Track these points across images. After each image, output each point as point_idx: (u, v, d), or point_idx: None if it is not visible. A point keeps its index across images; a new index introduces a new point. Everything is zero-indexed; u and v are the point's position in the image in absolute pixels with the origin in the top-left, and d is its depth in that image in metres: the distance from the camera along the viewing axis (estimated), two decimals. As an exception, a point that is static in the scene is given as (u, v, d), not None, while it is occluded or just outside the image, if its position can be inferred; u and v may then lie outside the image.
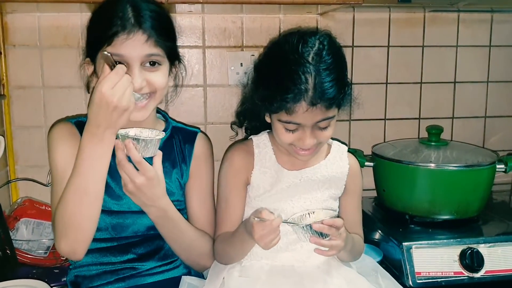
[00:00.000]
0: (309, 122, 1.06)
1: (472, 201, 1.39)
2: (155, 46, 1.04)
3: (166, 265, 1.16)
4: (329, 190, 1.21)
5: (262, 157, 1.19)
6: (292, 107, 1.03)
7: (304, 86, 1.02)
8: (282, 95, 1.03)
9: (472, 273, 1.23)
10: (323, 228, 1.02)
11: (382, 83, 1.69)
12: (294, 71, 1.03)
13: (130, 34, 1.01)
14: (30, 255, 1.34)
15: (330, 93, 1.04)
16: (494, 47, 1.73)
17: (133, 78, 1.01)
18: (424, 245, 1.27)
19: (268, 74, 1.10)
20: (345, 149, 1.26)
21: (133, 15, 1.02)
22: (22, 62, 1.48)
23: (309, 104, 1.02)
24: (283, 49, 1.08)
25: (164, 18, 1.09)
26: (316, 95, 1.02)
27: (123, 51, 1.01)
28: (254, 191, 1.19)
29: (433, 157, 1.39)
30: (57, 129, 1.15)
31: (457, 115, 1.75)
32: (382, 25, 1.65)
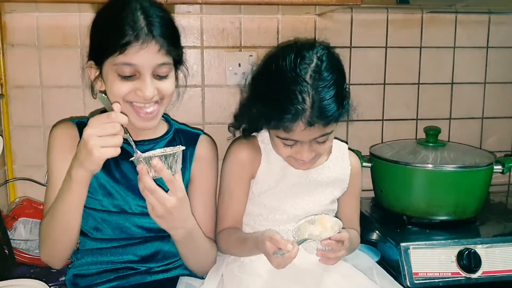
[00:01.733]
0: (307, 138, 1.07)
1: (469, 202, 1.40)
2: (166, 54, 1.04)
3: (166, 265, 1.16)
4: (333, 192, 1.22)
5: (268, 152, 1.19)
6: (289, 126, 1.03)
7: (302, 106, 1.01)
8: (280, 115, 1.03)
9: (470, 273, 1.24)
10: (331, 244, 1.07)
11: (380, 84, 1.69)
12: (292, 90, 1.02)
13: (144, 44, 1.00)
14: (28, 255, 1.34)
15: (329, 111, 1.03)
16: (491, 48, 1.73)
17: (145, 87, 1.02)
18: (421, 245, 1.27)
19: (265, 90, 1.10)
20: (346, 148, 1.27)
21: (146, 24, 1.01)
22: (21, 61, 1.48)
23: (306, 124, 1.03)
24: (280, 66, 1.06)
25: (172, 24, 1.08)
26: (313, 114, 1.02)
27: (136, 61, 1.01)
28: (258, 186, 1.19)
29: (430, 158, 1.39)
30: (58, 130, 1.15)
31: (454, 116, 1.75)
32: (380, 26, 1.66)
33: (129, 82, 1.03)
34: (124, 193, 1.12)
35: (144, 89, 1.02)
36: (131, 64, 1.01)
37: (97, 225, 1.12)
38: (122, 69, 1.01)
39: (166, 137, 1.19)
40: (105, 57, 1.03)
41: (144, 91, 1.02)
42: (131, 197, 1.12)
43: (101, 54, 1.04)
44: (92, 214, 1.12)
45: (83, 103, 1.52)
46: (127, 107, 1.05)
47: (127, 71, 1.02)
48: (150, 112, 1.06)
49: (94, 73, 1.09)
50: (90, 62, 1.10)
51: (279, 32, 1.60)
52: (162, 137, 1.18)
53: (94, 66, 1.08)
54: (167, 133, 1.20)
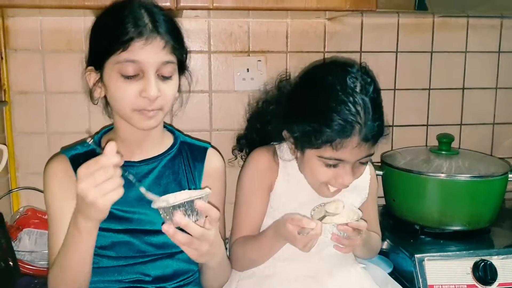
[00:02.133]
0: (354, 158, 1.02)
1: (484, 212, 1.37)
2: (171, 52, 1.01)
3: (177, 282, 1.12)
4: (352, 200, 1.19)
5: (286, 164, 1.16)
6: (342, 143, 0.99)
7: (357, 119, 0.98)
8: (332, 130, 0.99)
9: (486, 286, 1.22)
10: (348, 230, 1.02)
11: (390, 89, 1.66)
12: (345, 102, 0.98)
13: (149, 40, 0.97)
14: (32, 266, 1.30)
15: (380, 126, 1.02)
16: (503, 53, 1.71)
17: (149, 85, 0.98)
18: (436, 257, 1.25)
19: (310, 106, 1.04)
20: None
21: (150, 20, 0.98)
22: (24, 67, 1.45)
23: (362, 139, 0.99)
24: (327, 80, 1.03)
25: (175, 23, 1.06)
26: (368, 129, 0.99)
27: (140, 57, 0.97)
28: (276, 200, 1.16)
29: (444, 167, 1.36)
30: (50, 168, 1.10)
31: (465, 121, 1.73)
32: (391, 31, 1.63)
33: (133, 83, 0.99)
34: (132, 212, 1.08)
35: (149, 88, 0.97)
36: (135, 61, 0.97)
37: (103, 243, 1.08)
38: (125, 67, 0.97)
39: (170, 152, 1.14)
40: (107, 57, 0.99)
41: (149, 91, 0.97)
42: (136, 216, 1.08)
43: (102, 55, 1.00)
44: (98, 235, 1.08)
45: (87, 109, 1.49)
46: (133, 115, 1.01)
47: (130, 70, 0.97)
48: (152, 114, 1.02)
49: (94, 78, 1.04)
50: (89, 67, 1.05)
51: (288, 37, 1.56)
52: (166, 152, 1.14)
53: (94, 70, 1.04)
54: (172, 147, 1.15)
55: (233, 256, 1.17)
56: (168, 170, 1.12)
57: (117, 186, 0.86)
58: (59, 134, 1.48)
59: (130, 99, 0.99)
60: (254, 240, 1.14)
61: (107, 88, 1.02)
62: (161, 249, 1.09)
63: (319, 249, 1.11)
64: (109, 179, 0.84)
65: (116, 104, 1.02)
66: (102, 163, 0.84)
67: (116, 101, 1.02)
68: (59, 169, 1.09)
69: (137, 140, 1.10)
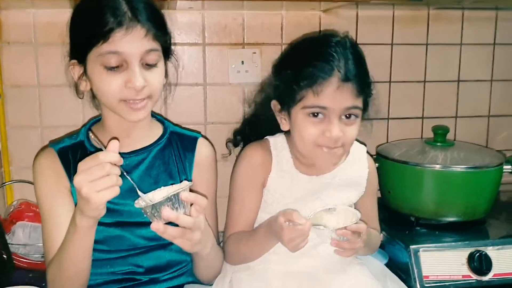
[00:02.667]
0: (338, 106, 1.01)
1: (479, 203, 1.37)
2: (153, 40, 0.99)
3: (170, 273, 1.12)
4: (350, 197, 1.18)
5: (280, 159, 1.15)
6: (321, 84, 0.99)
7: (334, 59, 1.00)
8: (310, 70, 1.00)
9: (481, 276, 1.22)
10: (347, 233, 1.00)
11: (385, 82, 1.66)
12: (323, 48, 1.02)
13: (129, 29, 0.95)
14: (27, 260, 1.30)
15: (360, 72, 1.02)
16: (499, 45, 1.70)
17: (134, 76, 0.96)
18: (431, 248, 1.24)
19: (294, 59, 1.08)
20: (365, 150, 1.23)
21: (129, 8, 0.96)
22: (17, 60, 1.43)
23: (341, 79, 0.99)
24: (307, 40, 1.11)
25: (156, 9, 1.03)
26: (347, 69, 1.00)
27: (122, 48, 0.96)
28: (270, 195, 1.15)
29: (440, 158, 1.36)
30: (38, 163, 1.10)
31: (460, 114, 1.73)
32: (386, 23, 1.62)
33: (117, 74, 0.97)
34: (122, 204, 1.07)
35: (134, 78, 0.96)
36: (117, 52, 0.95)
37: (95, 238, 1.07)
38: (107, 59, 0.96)
39: (160, 142, 1.14)
40: (88, 50, 0.97)
41: (134, 81, 0.96)
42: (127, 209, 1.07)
43: (84, 48, 0.98)
44: None
45: (81, 102, 1.46)
46: (121, 106, 1.00)
47: (113, 61, 0.96)
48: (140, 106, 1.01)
49: (78, 72, 1.03)
50: (72, 61, 1.04)
51: (283, 29, 1.56)
52: (155, 142, 1.14)
53: (77, 64, 1.03)
54: (161, 138, 1.15)
55: (226, 252, 1.17)
56: (159, 161, 1.12)
57: (113, 184, 0.85)
58: (53, 127, 1.47)
59: (116, 90, 0.98)
60: (248, 236, 1.13)
61: (92, 81, 1.01)
62: (153, 241, 1.09)
63: (314, 245, 1.10)
64: (105, 177, 0.84)
65: (103, 97, 1.01)
66: (100, 159, 0.84)
67: (102, 94, 1.01)
68: (47, 163, 1.09)
69: (125, 131, 1.09)
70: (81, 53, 1.00)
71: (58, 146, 1.10)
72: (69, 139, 1.12)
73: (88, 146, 1.10)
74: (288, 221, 0.99)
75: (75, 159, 1.08)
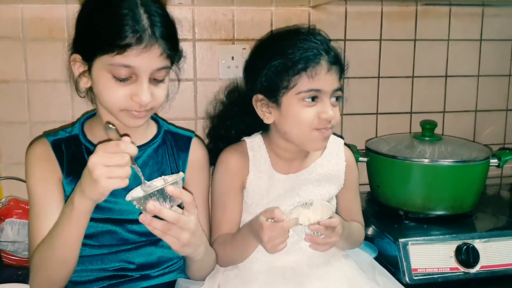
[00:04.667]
0: (329, 88, 1.06)
1: (466, 197, 1.39)
2: (166, 58, 0.98)
3: (161, 270, 1.12)
4: (329, 191, 1.19)
5: (257, 160, 1.16)
6: (315, 68, 1.04)
7: (319, 46, 1.07)
8: (304, 55, 1.05)
9: (468, 268, 1.23)
10: (320, 229, 1.02)
11: (374, 77, 1.67)
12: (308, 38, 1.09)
13: (147, 47, 0.93)
14: (15, 257, 1.29)
15: (340, 59, 1.10)
16: (485, 41, 1.72)
17: (141, 91, 0.95)
18: (420, 241, 1.26)
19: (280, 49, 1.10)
20: (342, 143, 1.24)
21: (149, 25, 0.93)
22: (5, 55, 1.42)
23: (330, 62, 1.06)
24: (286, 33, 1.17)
25: (172, 24, 1.01)
26: (331, 53, 1.08)
27: (136, 64, 0.93)
28: (250, 197, 1.16)
29: (428, 152, 1.38)
30: (32, 152, 1.09)
31: (448, 109, 1.74)
32: (374, 18, 1.63)
33: (124, 85, 0.96)
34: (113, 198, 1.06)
35: (141, 94, 0.95)
36: (130, 67, 0.93)
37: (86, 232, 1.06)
38: (118, 70, 0.94)
39: (155, 141, 1.14)
40: (99, 54, 0.94)
41: (141, 96, 0.95)
42: (118, 205, 1.07)
43: (93, 50, 0.95)
44: None
45: (70, 98, 1.47)
46: (121, 114, 1.00)
47: (123, 74, 0.94)
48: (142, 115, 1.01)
49: (81, 68, 1.00)
50: (75, 55, 1.00)
51: (272, 25, 1.56)
52: (150, 142, 1.13)
53: (81, 60, 0.99)
54: (155, 137, 1.14)
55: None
56: (152, 160, 1.12)
57: (125, 175, 0.86)
58: (42, 123, 1.46)
59: (120, 100, 0.97)
60: (231, 239, 1.13)
61: (95, 84, 0.99)
62: (144, 236, 1.08)
63: (296, 241, 1.11)
64: (121, 166, 0.85)
65: (104, 102, 1.00)
66: (121, 149, 0.85)
67: (104, 99, 0.99)
68: (40, 153, 1.08)
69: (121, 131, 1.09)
70: (90, 52, 0.97)
71: (52, 137, 1.09)
72: (63, 132, 1.11)
73: (83, 140, 1.09)
74: (270, 219, 1.00)
75: (69, 152, 1.08)
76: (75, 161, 1.07)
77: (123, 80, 0.95)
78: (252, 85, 1.14)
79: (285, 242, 1.02)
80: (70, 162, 1.07)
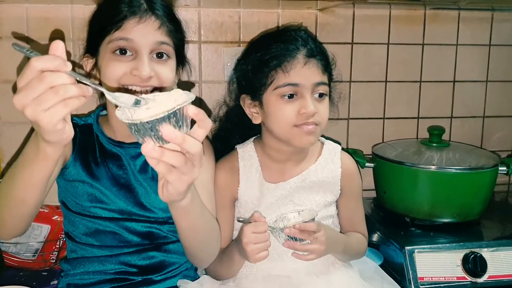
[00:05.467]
0: (307, 81, 1.04)
1: (474, 204, 1.37)
2: (166, 34, 0.99)
3: (164, 274, 1.10)
4: (324, 198, 1.16)
5: (248, 170, 1.15)
6: (290, 62, 1.04)
7: (297, 39, 1.07)
8: (278, 50, 1.05)
9: (476, 278, 1.21)
10: (295, 233, 0.99)
11: (381, 81, 1.65)
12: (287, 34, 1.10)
13: (142, 19, 0.96)
14: (18, 258, 1.28)
15: (321, 50, 1.10)
16: (494, 46, 1.70)
17: (141, 65, 0.95)
18: (426, 249, 1.24)
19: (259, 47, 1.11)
20: (338, 149, 1.21)
21: (145, 1, 0.98)
22: (9, 55, 1.41)
23: (306, 55, 1.05)
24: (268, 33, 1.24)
25: (173, 11, 1.05)
26: (310, 46, 1.07)
27: (133, 36, 0.95)
28: (242, 206, 1.15)
29: (435, 159, 1.36)
30: None
31: (455, 114, 1.72)
32: (382, 22, 1.61)
33: (124, 62, 0.97)
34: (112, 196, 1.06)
35: (141, 67, 0.95)
36: (128, 39, 0.95)
37: (87, 231, 1.06)
38: (117, 44, 0.96)
39: None
40: (101, 40, 0.98)
41: (141, 70, 0.95)
42: (122, 201, 1.06)
43: (97, 39, 0.99)
44: (81, 221, 1.06)
45: (75, 98, 1.46)
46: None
47: (122, 46, 0.96)
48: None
49: (90, 64, 1.04)
50: (85, 56, 1.05)
51: (279, 27, 1.54)
52: None
53: (90, 57, 1.04)
54: None
55: (208, 270, 1.15)
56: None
57: (63, 97, 0.64)
58: (45, 124, 1.45)
59: (118, 75, 0.97)
60: (221, 253, 1.11)
61: (100, 70, 1.01)
62: (146, 239, 1.07)
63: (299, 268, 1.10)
64: (49, 89, 0.64)
65: (106, 82, 0.99)
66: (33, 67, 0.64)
67: (104, 79, 0.99)
68: None
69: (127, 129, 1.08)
70: (95, 44, 1.01)
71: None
72: (78, 119, 1.13)
73: (96, 130, 1.10)
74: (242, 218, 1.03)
75: (81, 138, 1.08)
76: (85, 147, 1.08)
77: (124, 54, 0.97)
78: (238, 85, 1.16)
79: (266, 250, 1.00)
80: (81, 147, 1.07)
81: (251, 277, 1.10)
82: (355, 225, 1.23)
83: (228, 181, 1.15)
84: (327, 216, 1.18)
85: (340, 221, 1.23)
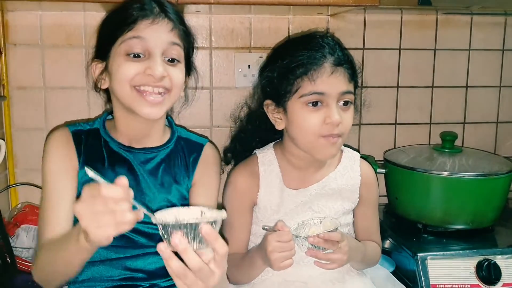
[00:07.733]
0: (333, 90, 1.03)
1: (487, 211, 1.35)
2: (178, 37, 1.00)
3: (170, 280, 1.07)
4: (342, 205, 1.16)
5: (268, 175, 1.14)
6: (316, 70, 1.02)
7: (324, 47, 1.06)
8: (303, 60, 1.04)
9: (490, 286, 1.20)
10: (319, 242, 0.99)
11: (393, 87, 1.64)
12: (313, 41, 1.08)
13: (156, 20, 0.98)
14: (30, 263, 1.28)
15: (349, 58, 1.08)
16: (507, 51, 1.68)
17: (154, 64, 0.96)
18: (439, 256, 1.23)
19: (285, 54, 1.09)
20: (358, 157, 1.21)
21: (157, 5, 1.00)
22: (23, 61, 1.43)
23: (333, 64, 1.03)
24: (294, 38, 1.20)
25: (183, 17, 1.06)
26: (337, 54, 1.05)
27: (146, 34, 0.96)
28: (261, 212, 1.15)
29: (448, 165, 1.35)
30: (52, 138, 1.08)
31: (468, 120, 1.71)
32: (394, 27, 1.61)
33: (137, 63, 0.97)
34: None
35: (154, 66, 0.96)
36: (140, 37, 0.96)
37: None
38: (130, 44, 0.96)
39: (168, 145, 1.12)
40: (113, 43, 0.98)
41: (154, 69, 0.96)
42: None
43: (108, 42, 1.00)
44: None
45: (87, 104, 1.47)
46: (133, 94, 0.98)
47: (135, 47, 0.96)
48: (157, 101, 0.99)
49: (99, 69, 1.04)
50: (94, 61, 1.05)
51: (290, 33, 1.55)
52: (165, 145, 1.12)
53: (99, 62, 1.04)
54: (169, 141, 1.13)
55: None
56: (164, 164, 1.11)
57: (116, 222, 0.74)
58: (58, 130, 1.46)
59: (131, 76, 0.97)
60: (240, 259, 1.11)
61: (111, 74, 1.01)
62: (153, 241, 1.06)
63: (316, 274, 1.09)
64: (109, 213, 0.74)
65: (116, 84, 1.00)
66: (102, 193, 0.74)
67: (116, 81, 0.99)
68: (61, 140, 1.07)
69: (136, 136, 1.08)
70: (105, 49, 1.01)
71: (74, 127, 1.10)
72: (84, 124, 1.12)
73: (103, 134, 1.10)
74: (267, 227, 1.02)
75: (87, 144, 1.08)
76: (92, 153, 1.07)
77: (137, 56, 0.97)
78: (262, 90, 1.14)
79: (291, 259, 0.99)
80: (88, 153, 1.07)
81: (267, 282, 1.10)
82: (370, 234, 1.22)
83: (248, 186, 1.14)
84: (344, 224, 1.17)
85: (355, 229, 1.22)
